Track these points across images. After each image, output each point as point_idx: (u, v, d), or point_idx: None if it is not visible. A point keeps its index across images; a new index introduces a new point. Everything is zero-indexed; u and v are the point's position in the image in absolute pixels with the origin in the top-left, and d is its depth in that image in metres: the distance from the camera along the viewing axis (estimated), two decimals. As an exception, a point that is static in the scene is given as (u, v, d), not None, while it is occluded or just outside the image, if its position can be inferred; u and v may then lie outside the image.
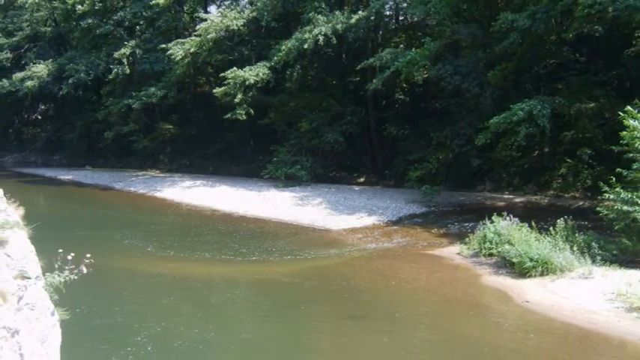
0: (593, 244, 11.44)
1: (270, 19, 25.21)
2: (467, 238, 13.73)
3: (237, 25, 25.07)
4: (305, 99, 26.29)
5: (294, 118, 26.22)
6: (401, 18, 29.68)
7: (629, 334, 8.44)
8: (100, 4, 30.79)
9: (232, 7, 27.29)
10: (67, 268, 5.30)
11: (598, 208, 12.24)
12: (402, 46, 25.04)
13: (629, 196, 11.18)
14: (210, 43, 25.52)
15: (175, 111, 33.94)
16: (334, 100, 26.24)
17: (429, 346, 8.79)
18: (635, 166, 11.70)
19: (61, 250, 5.36)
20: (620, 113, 12.30)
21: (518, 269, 11.31)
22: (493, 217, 13.18)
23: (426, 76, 21.30)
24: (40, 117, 45.34)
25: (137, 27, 30.78)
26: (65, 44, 37.91)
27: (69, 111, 38.89)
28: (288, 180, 24.32)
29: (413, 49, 21.22)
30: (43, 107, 44.40)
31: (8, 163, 39.19)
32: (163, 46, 27.05)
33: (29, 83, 31.74)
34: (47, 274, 5.03)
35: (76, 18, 32.94)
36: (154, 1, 28.06)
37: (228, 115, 25.05)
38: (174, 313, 9.99)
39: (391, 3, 25.96)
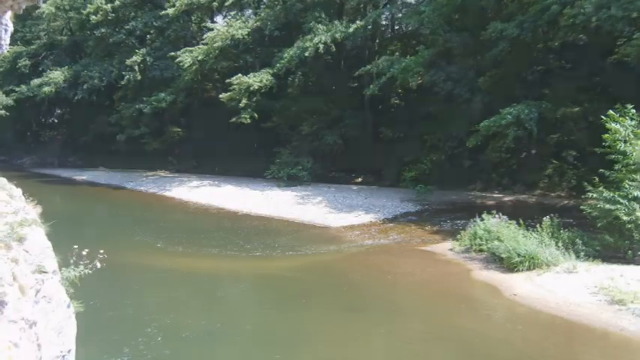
0: (578, 240, 11.45)
1: (274, 28, 25.28)
2: (458, 235, 13.74)
3: (242, 34, 25.12)
4: (306, 103, 26.30)
5: (296, 121, 26.25)
6: (396, 27, 29.72)
7: (611, 325, 8.45)
8: (113, 15, 30.89)
9: (237, 17, 27.41)
10: (81, 263, 5.32)
11: (582, 207, 12.30)
12: (397, 53, 25.04)
13: (612, 195, 11.22)
14: (217, 51, 25.60)
15: (184, 115, 33.91)
16: (333, 104, 26.25)
17: (423, 337, 8.80)
18: (616, 167, 11.75)
19: (76, 246, 5.38)
20: (603, 117, 12.32)
21: (507, 264, 11.32)
22: (483, 215, 13.20)
23: (420, 82, 21.38)
24: (56, 120, 45.35)
25: (148, 36, 30.89)
26: (80, 52, 37.93)
27: (84, 115, 38.89)
28: (289, 180, 24.32)
29: (408, 57, 21.27)
30: (59, 111, 44.38)
31: (27, 164, 39.21)
32: (172, 53, 27.13)
33: (46, 89, 31.84)
34: (63, 268, 5.04)
35: (90, 27, 33.11)
36: (163, 12, 28.15)
37: (234, 119, 25.11)
38: (182, 306, 10.01)
39: (387, 13, 26.01)
